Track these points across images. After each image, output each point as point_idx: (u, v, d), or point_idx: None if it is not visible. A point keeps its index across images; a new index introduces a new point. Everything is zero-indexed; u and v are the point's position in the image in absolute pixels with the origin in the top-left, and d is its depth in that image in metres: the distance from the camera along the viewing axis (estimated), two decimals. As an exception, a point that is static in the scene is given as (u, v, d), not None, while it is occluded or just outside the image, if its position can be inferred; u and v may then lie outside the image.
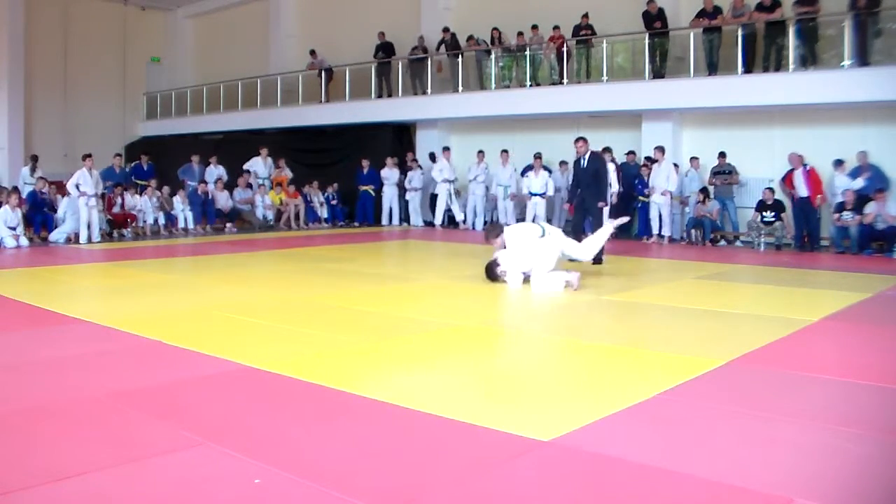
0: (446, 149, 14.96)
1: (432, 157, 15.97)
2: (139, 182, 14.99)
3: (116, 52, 22.19)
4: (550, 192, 14.02)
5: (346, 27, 19.12)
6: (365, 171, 16.13)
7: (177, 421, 3.46)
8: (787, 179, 11.68)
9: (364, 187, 16.23)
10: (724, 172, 12.56)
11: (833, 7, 11.52)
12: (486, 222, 15.36)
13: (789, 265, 9.66)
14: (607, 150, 13.38)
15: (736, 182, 12.51)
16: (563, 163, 14.55)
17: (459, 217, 15.27)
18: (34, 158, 14.83)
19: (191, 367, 4.45)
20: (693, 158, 13.02)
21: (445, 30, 16.21)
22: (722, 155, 12.59)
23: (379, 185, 16.21)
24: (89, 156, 12.50)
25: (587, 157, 9.37)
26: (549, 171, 14.18)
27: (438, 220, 15.40)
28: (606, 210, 10.13)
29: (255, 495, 2.69)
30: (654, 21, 13.22)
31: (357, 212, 16.37)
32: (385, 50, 17.25)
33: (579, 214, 9.67)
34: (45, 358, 4.68)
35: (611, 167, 12.88)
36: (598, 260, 8.66)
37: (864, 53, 11.12)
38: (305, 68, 18.68)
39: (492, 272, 7.68)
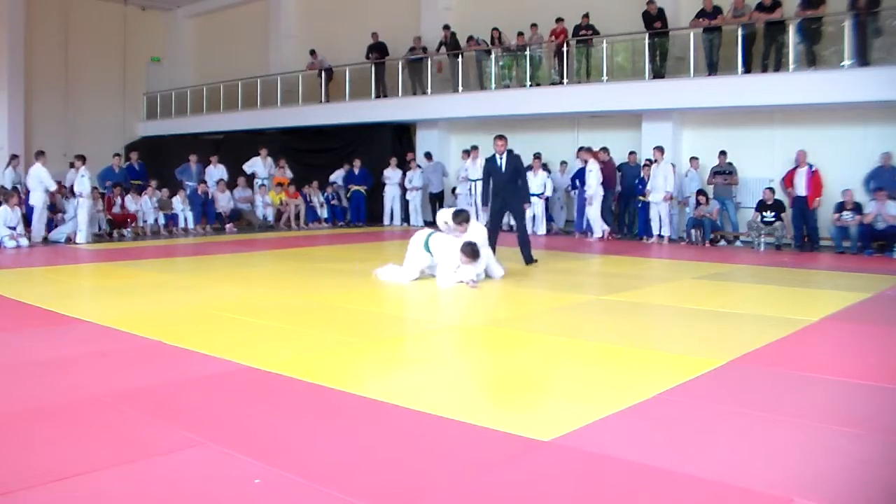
0: (475, 147, 14.86)
1: (428, 157, 15.97)
2: (134, 182, 14.97)
3: (116, 52, 22.18)
4: (549, 193, 14.04)
5: (346, 27, 19.11)
6: (356, 171, 16.17)
7: (177, 421, 3.46)
8: (788, 178, 11.68)
9: (355, 187, 16.26)
10: (724, 172, 12.53)
11: (833, 7, 11.52)
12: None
13: (789, 265, 9.66)
14: (604, 149, 13.38)
15: (735, 183, 12.49)
16: (563, 163, 14.56)
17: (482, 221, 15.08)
18: (13, 157, 14.78)
19: (191, 367, 4.45)
20: (693, 158, 13.01)
21: (446, 27, 16.19)
22: (722, 153, 12.56)
23: (371, 185, 16.28)
24: (79, 157, 12.61)
25: (504, 156, 8.95)
26: (549, 172, 14.21)
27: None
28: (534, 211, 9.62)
29: (255, 495, 2.69)
30: (654, 21, 13.22)
31: (351, 212, 16.39)
32: (378, 50, 17.22)
33: (497, 217, 9.11)
34: (45, 358, 4.68)
35: (595, 167, 12.88)
36: (530, 260, 8.92)
37: (864, 53, 11.12)
38: (305, 68, 18.68)
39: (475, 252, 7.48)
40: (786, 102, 11.71)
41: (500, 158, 8.87)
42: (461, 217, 7.91)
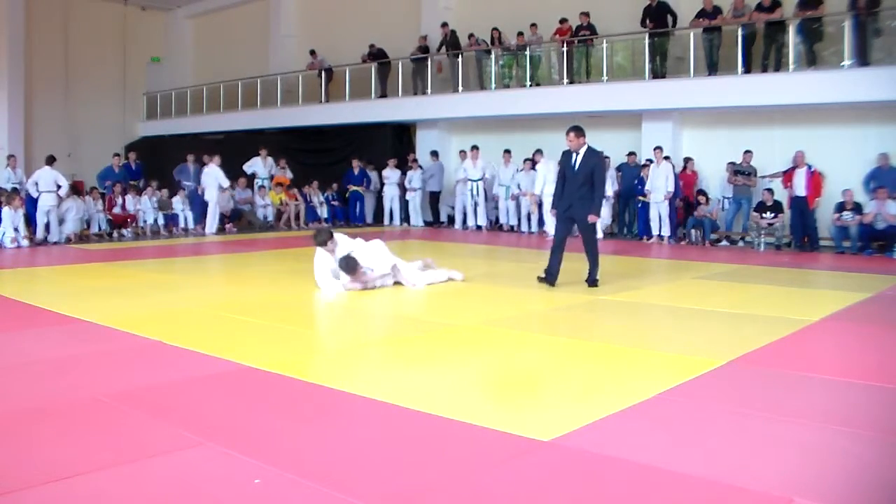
0: (475, 147, 14.87)
1: (435, 155, 15.95)
2: (132, 183, 14.97)
3: (116, 52, 22.18)
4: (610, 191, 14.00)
5: (346, 27, 19.11)
6: (356, 171, 16.19)
7: (177, 421, 3.46)
8: (787, 177, 11.68)
9: (354, 187, 16.29)
10: (745, 173, 12.37)
11: (833, 7, 11.52)
12: (489, 221, 15.33)
13: (789, 265, 9.66)
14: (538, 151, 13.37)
15: (754, 184, 12.40)
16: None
17: (481, 221, 15.06)
18: (9, 157, 14.78)
19: (191, 367, 4.45)
20: (688, 159, 13.01)
21: (444, 25, 16.17)
22: (747, 152, 12.36)
23: (369, 186, 16.33)
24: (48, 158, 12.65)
25: (582, 153, 7.37)
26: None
27: (470, 221, 15.04)
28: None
29: (255, 495, 2.69)
30: (656, 16, 13.12)
31: (350, 212, 16.40)
32: (376, 58, 17.21)
33: (563, 226, 7.62)
34: (45, 358, 4.68)
35: (542, 168, 12.60)
36: (592, 282, 7.51)
37: (864, 53, 11.12)
38: (305, 68, 18.68)
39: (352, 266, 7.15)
40: (786, 102, 11.70)
41: (575, 156, 7.36)
42: (318, 239, 7.41)
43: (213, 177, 14.09)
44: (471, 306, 6.75)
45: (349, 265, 7.08)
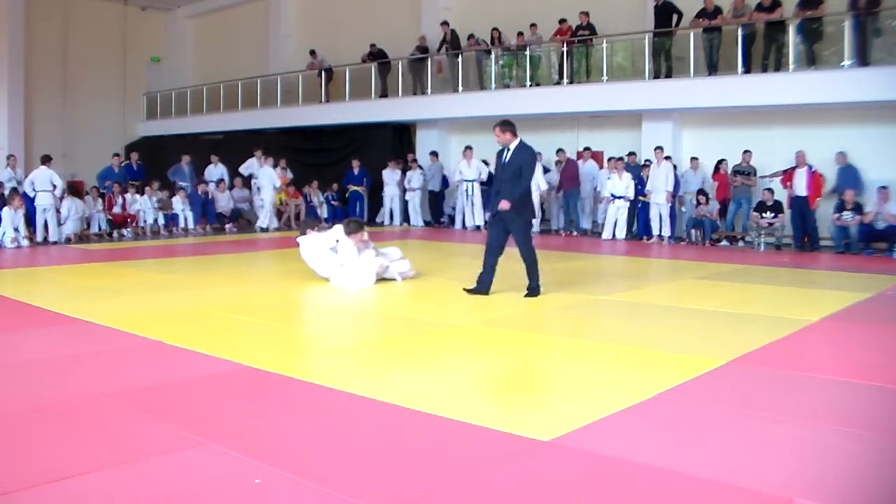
0: (468, 148, 14.89)
1: (434, 155, 15.94)
2: (132, 183, 14.96)
3: (116, 52, 22.17)
4: (544, 187, 13.99)
5: (346, 27, 19.12)
6: (355, 171, 16.19)
7: (177, 421, 3.46)
8: (786, 177, 11.68)
9: (354, 187, 16.30)
10: (745, 173, 12.36)
11: (833, 7, 11.52)
12: (486, 222, 15.31)
13: (789, 265, 9.66)
14: (560, 150, 13.20)
15: (753, 184, 12.39)
16: (559, 162, 14.54)
17: (479, 221, 15.07)
18: (9, 157, 14.79)
19: (191, 367, 4.45)
20: (693, 158, 13.01)
21: (444, 23, 16.16)
22: (747, 152, 12.34)
23: (369, 186, 16.35)
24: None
25: (513, 148, 6.85)
26: (547, 170, 14.18)
27: (469, 222, 14.96)
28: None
29: (255, 495, 2.69)
30: (662, 15, 13.09)
31: (350, 212, 16.40)
32: (376, 58, 17.22)
33: (494, 227, 6.94)
34: (45, 358, 4.68)
35: (539, 169, 12.31)
36: (533, 290, 6.86)
37: (864, 53, 11.12)
38: (305, 68, 18.69)
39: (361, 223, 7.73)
40: (786, 102, 11.70)
41: (507, 152, 6.86)
42: (302, 229, 7.85)
43: (267, 176, 14.69)
44: (470, 306, 6.74)
45: (359, 224, 7.55)
